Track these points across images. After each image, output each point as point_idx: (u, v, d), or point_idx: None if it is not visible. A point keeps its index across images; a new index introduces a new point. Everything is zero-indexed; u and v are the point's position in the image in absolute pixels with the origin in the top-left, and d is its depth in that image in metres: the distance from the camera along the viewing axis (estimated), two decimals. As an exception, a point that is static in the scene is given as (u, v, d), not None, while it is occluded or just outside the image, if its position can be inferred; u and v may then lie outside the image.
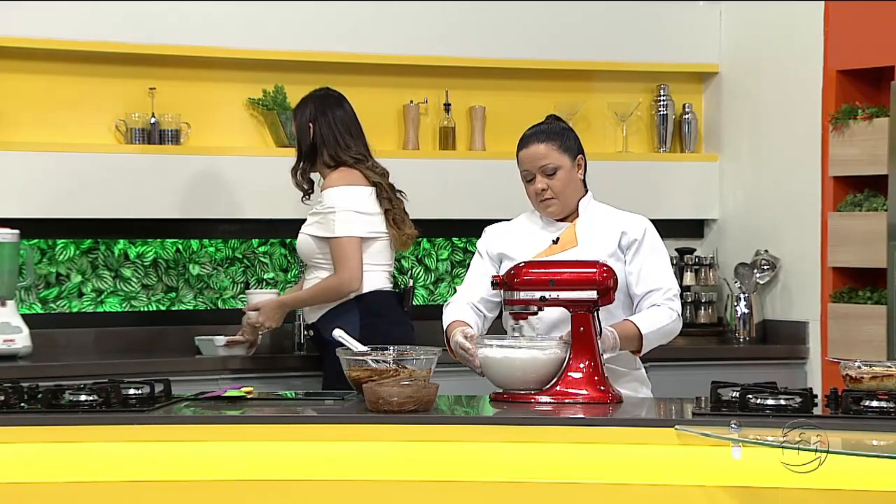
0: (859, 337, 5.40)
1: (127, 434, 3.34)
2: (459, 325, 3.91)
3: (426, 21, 5.77)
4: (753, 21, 6.00)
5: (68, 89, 5.46)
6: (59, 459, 3.31)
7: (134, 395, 3.56)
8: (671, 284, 3.94)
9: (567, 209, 4.00)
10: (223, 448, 3.34)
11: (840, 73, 5.61)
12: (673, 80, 6.16)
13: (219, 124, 5.66)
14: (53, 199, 5.31)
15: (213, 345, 5.14)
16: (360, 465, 3.29)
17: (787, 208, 5.83)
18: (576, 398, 3.61)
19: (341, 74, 5.71)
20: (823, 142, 5.62)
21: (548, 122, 4.07)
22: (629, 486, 3.20)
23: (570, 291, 3.67)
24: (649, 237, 3.97)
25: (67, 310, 5.52)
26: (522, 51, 5.88)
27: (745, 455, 3.13)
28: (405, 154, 5.79)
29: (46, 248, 5.49)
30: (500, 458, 3.27)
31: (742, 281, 5.89)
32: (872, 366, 3.49)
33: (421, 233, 5.06)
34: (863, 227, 5.43)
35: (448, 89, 5.88)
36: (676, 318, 3.91)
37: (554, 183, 3.95)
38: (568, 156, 3.96)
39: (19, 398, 3.49)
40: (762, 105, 5.96)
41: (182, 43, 5.47)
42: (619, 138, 6.12)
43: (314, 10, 5.64)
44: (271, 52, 5.59)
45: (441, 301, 5.90)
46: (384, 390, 3.37)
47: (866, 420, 3.22)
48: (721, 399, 3.40)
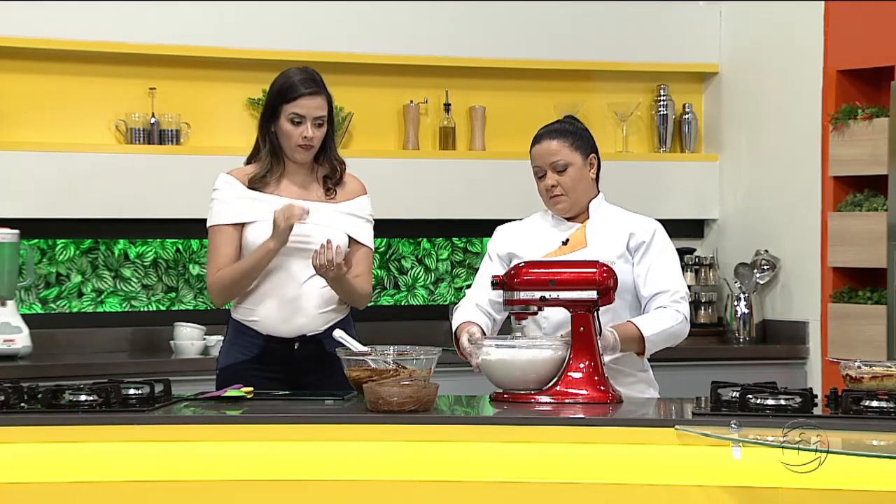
0: (859, 337, 5.40)
1: (127, 434, 3.34)
2: (467, 327, 3.91)
3: (426, 21, 5.78)
4: (753, 21, 6.00)
5: (68, 89, 5.46)
6: (59, 459, 3.31)
7: (134, 395, 3.56)
8: (679, 287, 3.93)
9: (577, 207, 3.99)
10: (223, 448, 3.34)
11: (840, 73, 5.62)
12: (673, 80, 6.17)
13: (219, 124, 5.66)
14: (53, 199, 5.32)
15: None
16: (360, 465, 3.29)
17: (787, 208, 5.83)
18: (576, 398, 3.60)
19: (341, 74, 5.71)
20: (823, 142, 5.62)
21: (564, 121, 4.07)
22: (629, 486, 3.20)
23: (570, 291, 3.67)
24: (658, 239, 3.97)
25: (67, 310, 5.52)
26: (522, 51, 5.88)
27: (745, 455, 3.13)
28: (405, 154, 5.80)
29: (46, 248, 5.49)
30: (500, 458, 3.27)
31: (742, 281, 5.89)
32: (872, 366, 3.49)
33: (421, 233, 5.06)
34: (863, 227, 5.43)
35: (448, 89, 5.89)
36: (683, 320, 3.90)
37: (564, 180, 3.94)
38: (579, 154, 3.96)
39: (19, 398, 3.49)
40: (762, 105, 5.96)
41: (182, 43, 5.47)
42: (619, 138, 6.12)
43: (314, 10, 5.64)
44: (271, 52, 5.59)
45: (441, 301, 5.91)
46: (384, 390, 3.37)
47: (866, 420, 3.22)
48: (721, 399, 3.40)
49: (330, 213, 4.08)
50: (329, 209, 4.08)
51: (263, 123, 4.11)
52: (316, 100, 4.04)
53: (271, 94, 4.09)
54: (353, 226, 4.12)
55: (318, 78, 4.08)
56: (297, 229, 3.96)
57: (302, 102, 4.02)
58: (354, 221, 4.13)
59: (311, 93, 4.03)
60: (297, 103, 4.02)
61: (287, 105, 4.03)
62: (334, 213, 4.09)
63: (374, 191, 5.67)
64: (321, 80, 4.07)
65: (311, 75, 4.08)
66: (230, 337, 4.15)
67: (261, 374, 3.98)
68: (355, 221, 4.13)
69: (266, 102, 4.11)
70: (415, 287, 5.94)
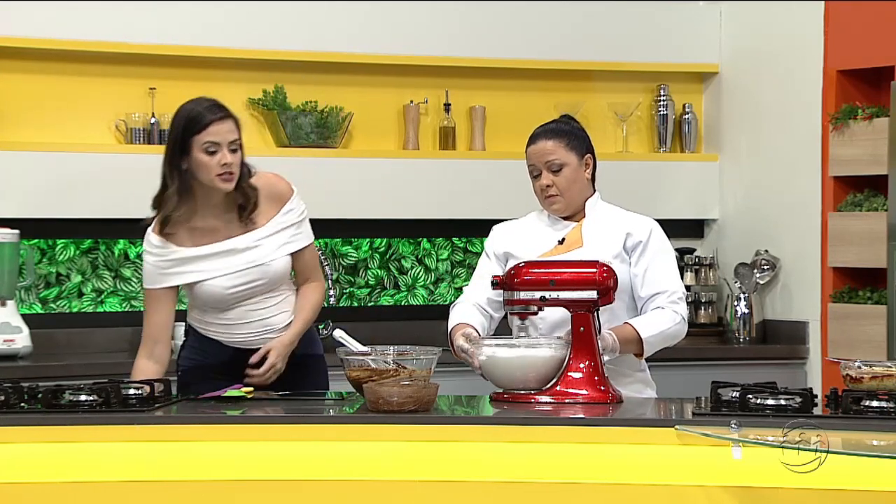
0: (859, 337, 5.40)
1: (127, 434, 3.34)
2: (462, 328, 3.91)
3: (426, 21, 5.78)
4: (753, 21, 6.00)
5: (68, 89, 5.46)
6: (59, 459, 3.31)
7: (134, 395, 3.56)
8: (676, 287, 3.93)
9: (572, 207, 3.99)
10: (223, 448, 3.34)
11: (840, 73, 5.61)
12: (673, 80, 6.17)
13: (219, 124, 5.65)
14: (53, 199, 5.31)
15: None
16: (360, 465, 3.29)
17: (787, 208, 5.83)
18: (576, 398, 3.60)
19: (341, 74, 5.73)
20: (823, 142, 5.62)
21: (560, 120, 4.07)
22: (629, 486, 3.20)
23: (571, 291, 3.67)
24: (655, 239, 3.96)
25: (67, 310, 5.52)
26: (522, 51, 5.88)
27: (745, 455, 3.13)
28: (405, 154, 5.80)
29: (46, 248, 5.49)
30: (500, 458, 3.27)
31: (742, 281, 5.89)
32: (872, 366, 3.49)
33: (421, 233, 5.06)
34: (863, 227, 5.43)
35: (448, 89, 5.89)
36: (681, 321, 3.90)
37: (559, 180, 3.94)
38: (575, 154, 3.96)
39: (19, 398, 3.49)
40: (762, 105, 5.96)
41: (182, 43, 5.47)
42: (619, 138, 6.12)
43: (314, 10, 5.63)
44: (271, 52, 5.59)
45: (441, 301, 5.91)
46: (384, 390, 3.37)
47: (866, 420, 3.22)
48: (721, 399, 3.39)
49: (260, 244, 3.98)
50: (256, 238, 3.98)
51: (172, 162, 3.91)
52: (226, 124, 3.88)
53: (176, 129, 3.90)
54: (286, 238, 4.02)
55: (222, 104, 3.93)
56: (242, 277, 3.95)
57: (213, 129, 3.85)
58: (286, 234, 4.03)
59: (220, 118, 3.88)
60: (208, 131, 3.85)
61: (198, 136, 3.85)
62: (264, 242, 3.98)
63: (374, 191, 5.72)
64: (225, 106, 3.93)
65: (215, 102, 3.94)
66: (191, 341, 4.13)
67: (227, 378, 3.90)
68: (287, 233, 4.03)
69: (171, 140, 3.92)
70: (415, 287, 5.94)
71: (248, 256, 3.97)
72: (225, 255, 3.96)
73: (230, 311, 4.02)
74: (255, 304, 4.02)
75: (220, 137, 3.87)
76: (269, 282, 4.00)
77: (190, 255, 3.96)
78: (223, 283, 3.96)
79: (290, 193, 4.06)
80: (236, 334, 4.05)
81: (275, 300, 4.04)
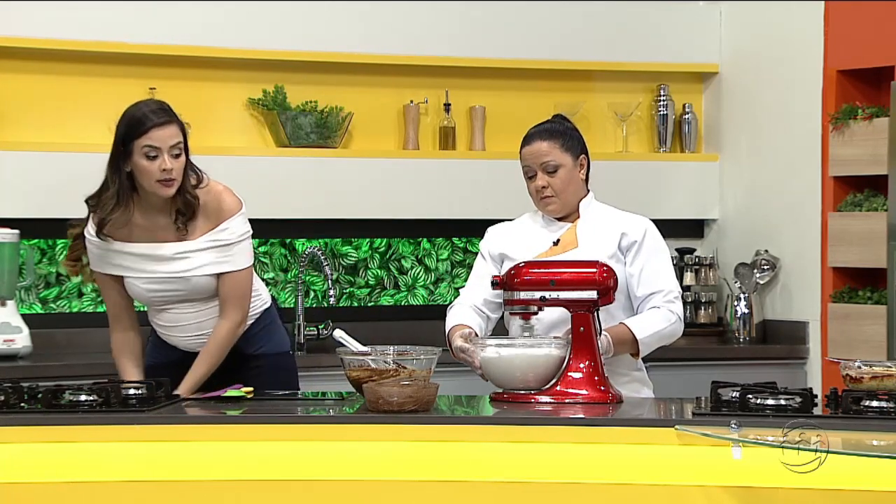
0: (859, 337, 5.40)
1: (127, 434, 3.34)
2: (459, 329, 3.91)
3: (426, 21, 5.77)
4: (753, 21, 5.99)
5: (68, 89, 5.46)
6: (59, 459, 3.31)
7: (134, 395, 3.56)
8: (672, 286, 3.93)
9: (567, 208, 4.00)
10: (223, 448, 3.34)
11: (840, 73, 5.61)
12: (673, 80, 6.16)
13: (219, 124, 5.66)
14: (53, 199, 5.31)
15: None
16: (360, 465, 3.29)
17: (787, 208, 5.83)
18: (576, 398, 3.61)
19: (341, 74, 5.72)
20: (823, 142, 5.62)
21: (553, 120, 4.07)
22: (629, 486, 3.20)
23: (571, 291, 3.67)
24: (650, 238, 3.97)
25: (67, 310, 5.52)
26: (522, 51, 5.88)
27: (745, 455, 3.13)
28: (405, 154, 5.79)
29: (46, 248, 5.49)
30: (500, 458, 3.27)
31: (742, 281, 5.89)
32: (872, 366, 3.49)
33: (421, 233, 5.05)
34: (863, 227, 5.43)
35: (448, 89, 5.88)
36: (676, 320, 3.91)
37: (554, 181, 3.95)
38: (570, 155, 3.96)
39: (19, 398, 3.49)
40: (762, 105, 5.96)
41: (182, 43, 5.47)
42: (619, 138, 6.12)
43: (314, 10, 5.63)
44: (271, 52, 5.59)
45: (441, 301, 5.90)
46: (384, 390, 3.37)
47: (866, 420, 3.22)
48: (721, 399, 3.40)
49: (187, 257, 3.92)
50: (183, 249, 3.93)
51: (114, 164, 3.87)
52: (168, 129, 3.81)
53: (119, 132, 3.85)
54: (213, 258, 3.93)
55: (168, 107, 3.86)
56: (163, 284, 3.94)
57: (154, 134, 3.79)
58: (213, 253, 3.94)
59: (162, 123, 3.81)
60: (148, 136, 3.79)
61: (139, 140, 3.80)
62: (191, 255, 3.92)
63: (373, 191, 5.72)
64: (171, 110, 3.87)
65: (161, 105, 3.87)
66: (153, 339, 4.15)
67: (180, 380, 3.92)
68: (215, 252, 3.94)
69: (115, 142, 3.87)
70: (415, 287, 5.94)
71: (172, 266, 3.94)
72: (151, 259, 3.95)
73: (164, 314, 4.04)
74: (186, 309, 4.00)
75: (160, 142, 3.81)
76: (192, 293, 3.96)
77: (123, 249, 3.96)
78: (144, 286, 3.98)
79: (234, 211, 3.96)
80: (175, 336, 4.06)
81: (209, 305, 4.00)
